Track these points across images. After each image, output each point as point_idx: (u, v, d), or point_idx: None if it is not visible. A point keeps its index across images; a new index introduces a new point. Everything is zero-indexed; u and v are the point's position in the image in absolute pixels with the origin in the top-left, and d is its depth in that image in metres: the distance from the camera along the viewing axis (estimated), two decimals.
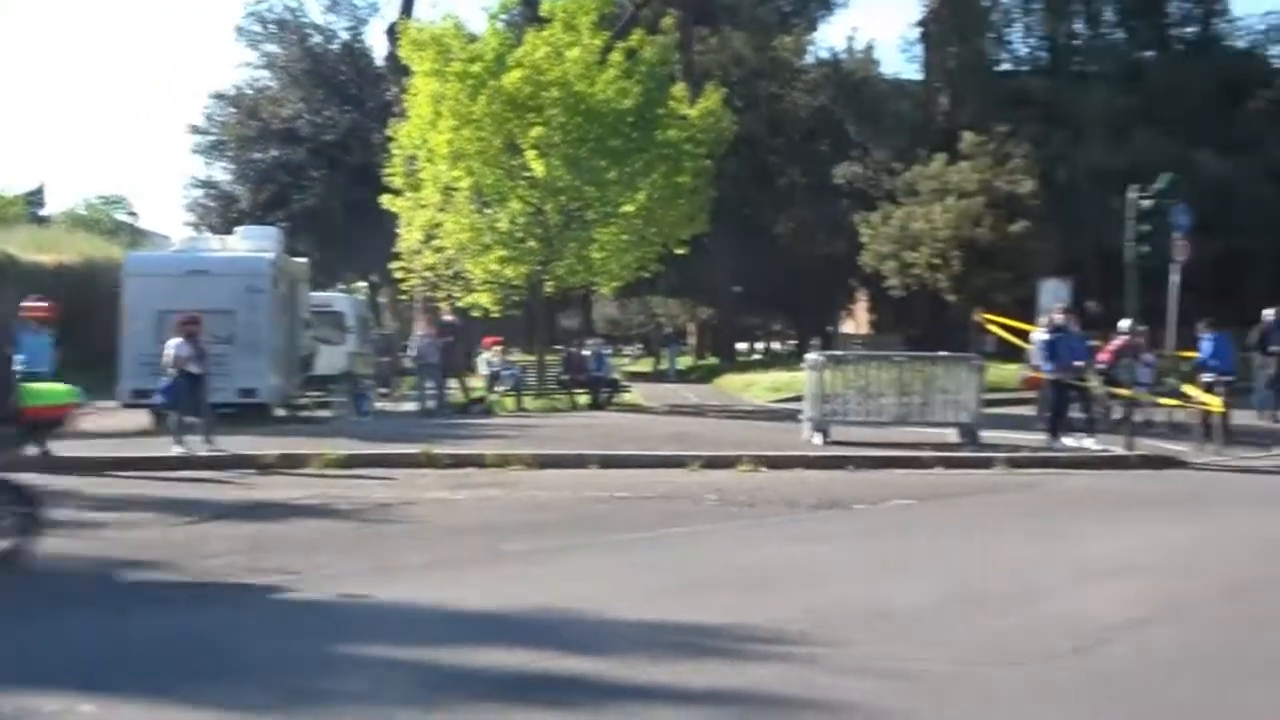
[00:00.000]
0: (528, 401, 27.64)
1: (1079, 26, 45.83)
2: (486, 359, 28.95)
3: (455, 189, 28.17)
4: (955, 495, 15.01)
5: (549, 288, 30.21)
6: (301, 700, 6.46)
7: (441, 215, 28.51)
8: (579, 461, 16.94)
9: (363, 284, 56.58)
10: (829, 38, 78.08)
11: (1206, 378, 20.80)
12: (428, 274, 29.89)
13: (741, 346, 63.50)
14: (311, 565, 9.86)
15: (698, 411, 28.12)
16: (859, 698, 6.57)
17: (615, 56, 27.87)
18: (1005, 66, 47.05)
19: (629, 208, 28.30)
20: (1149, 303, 24.28)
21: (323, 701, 6.51)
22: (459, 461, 16.58)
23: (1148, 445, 19.35)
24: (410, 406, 26.31)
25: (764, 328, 74.30)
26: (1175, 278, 21.06)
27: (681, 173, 28.65)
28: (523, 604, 8.50)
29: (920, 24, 46.62)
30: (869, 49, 48.26)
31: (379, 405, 26.29)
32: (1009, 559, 10.59)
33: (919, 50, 47.80)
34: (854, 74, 46.28)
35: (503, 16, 29.37)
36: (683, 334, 67.85)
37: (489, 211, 28.61)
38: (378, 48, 50.98)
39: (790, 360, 44.32)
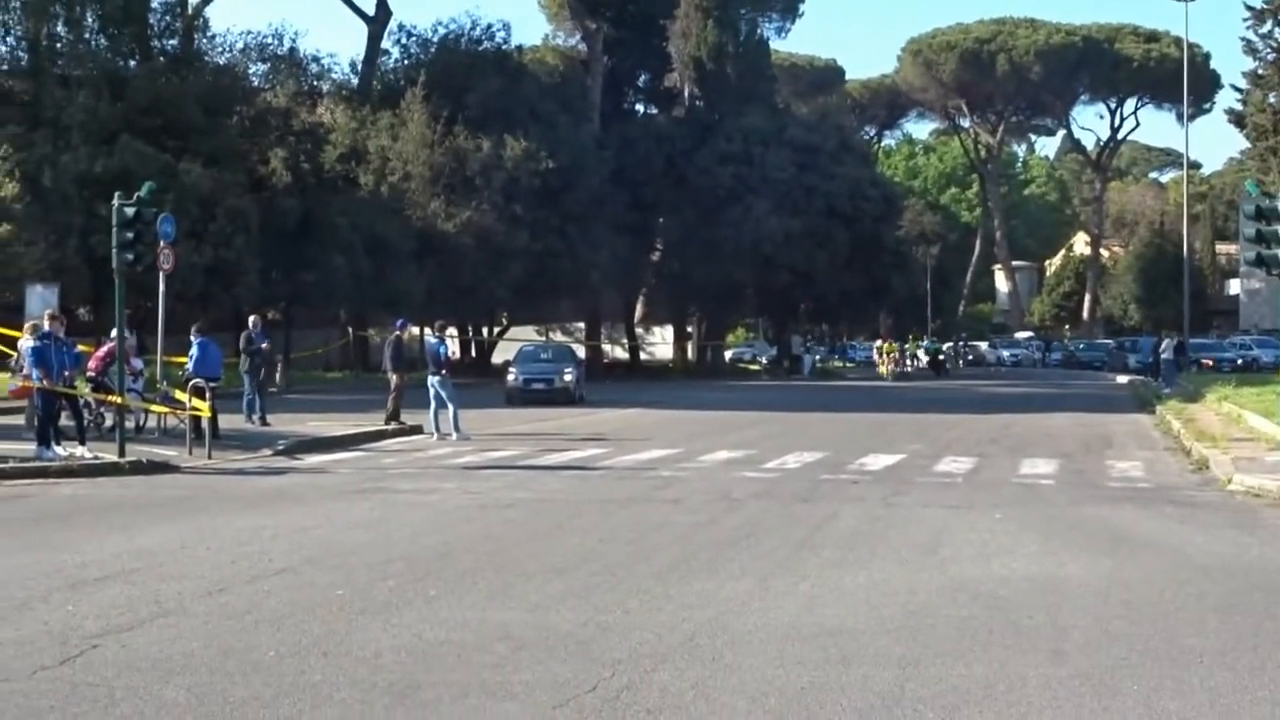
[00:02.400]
0: None
1: (60, 29, 44.86)
2: None
3: None
4: None
5: None
6: None
7: None
8: None
9: None
10: None
11: (195, 382, 21.42)
12: None
13: None
14: None
15: None
16: None
17: None
18: None
19: None
20: (142, 309, 24.60)
21: None
22: None
23: (141, 451, 19.65)
24: None
25: None
26: (163, 285, 21.46)
27: None
28: None
29: None
30: None
31: None
32: None
33: None
34: None
35: None
36: None
37: None
38: None
39: None
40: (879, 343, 58.99)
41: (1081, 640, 8.21)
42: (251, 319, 28.04)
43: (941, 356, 72.47)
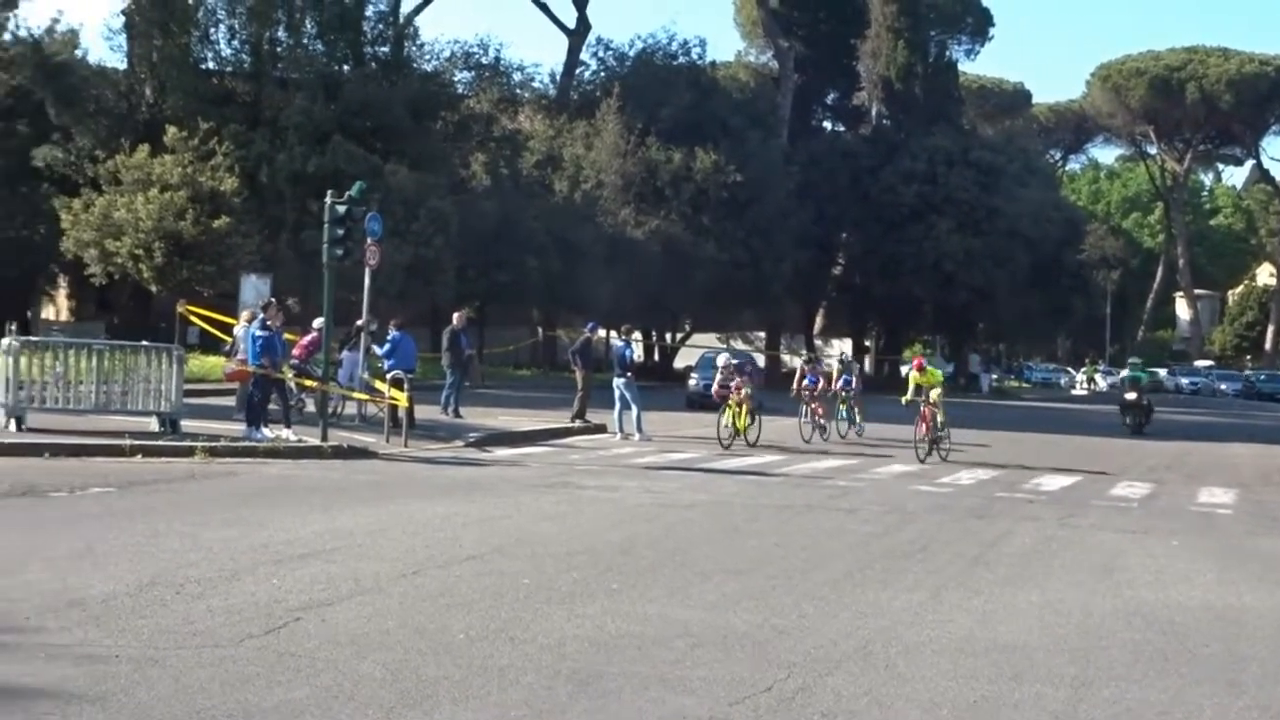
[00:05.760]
0: None
1: (281, 34, 46.43)
2: None
3: None
4: (156, 483, 15.00)
5: None
6: None
7: None
8: None
9: None
10: (30, 16, 74.26)
11: (395, 374, 22.20)
12: None
13: None
14: None
15: None
16: (47, 685, 6.51)
17: None
18: (210, 65, 46.88)
19: None
20: (346, 302, 25.55)
21: None
22: None
23: (341, 436, 20.36)
24: None
25: None
26: (368, 279, 22.22)
27: None
28: None
29: (124, 13, 45.70)
30: (73, 32, 46.26)
31: None
32: (207, 545, 10.70)
33: (124, 39, 46.86)
34: (55, 55, 44.24)
35: None
36: None
37: None
38: None
39: None
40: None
41: (1259, 673, 8.07)
42: (456, 317, 28.70)
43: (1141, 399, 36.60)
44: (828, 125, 76.12)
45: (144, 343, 21.37)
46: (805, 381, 27.15)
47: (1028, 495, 18.18)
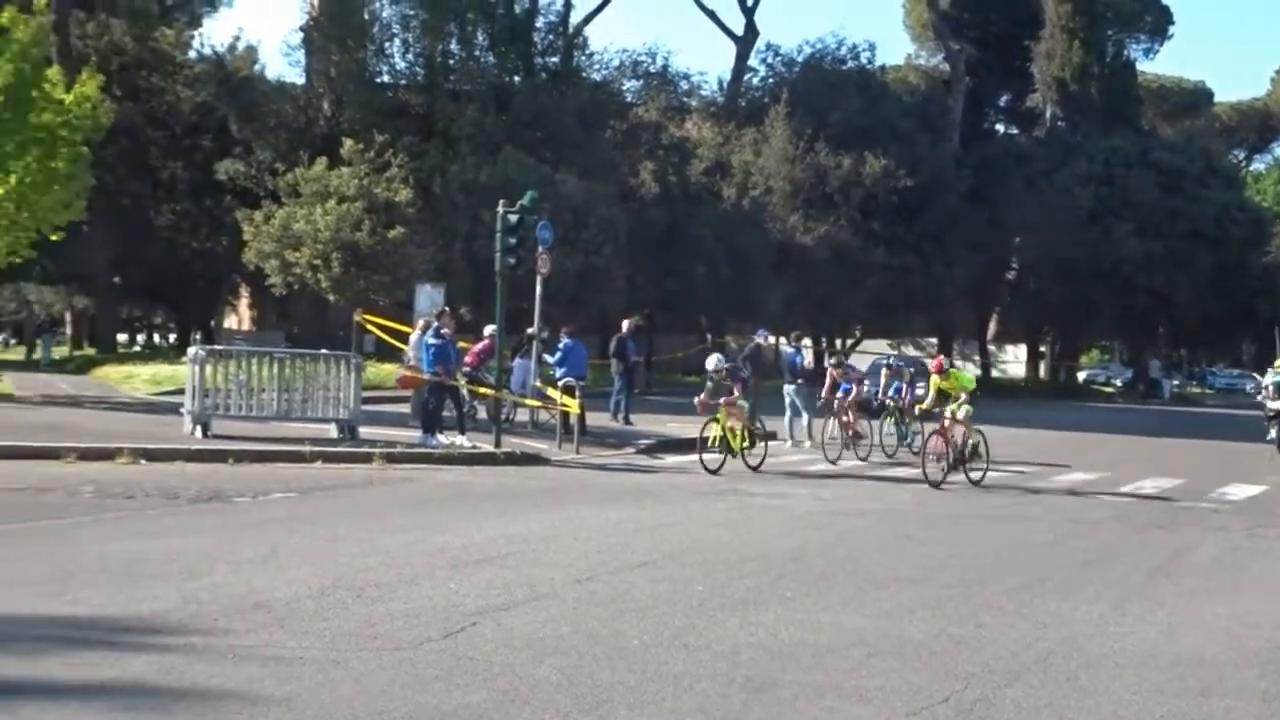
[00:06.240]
0: None
1: (454, 47, 47.28)
2: None
3: None
4: (335, 488, 15.39)
5: None
6: None
7: None
8: None
9: None
10: (213, 34, 77.17)
11: (567, 380, 22.40)
12: None
13: (122, 338, 61.77)
14: None
15: (73, 402, 26.92)
16: (235, 686, 6.66)
17: None
18: (385, 78, 48.02)
19: None
20: (517, 309, 25.87)
21: None
22: None
23: (514, 443, 20.63)
24: None
25: (146, 320, 72.26)
26: (539, 287, 22.45)
27: (57, 158, 27.28)
28: None
29: (302, 29, 47.03)
30: (252, 49, 47.97)
31: None
32: (386, 549, 10.91)
33: (301, 55, 48.24)
34: (237, 72, 45.89)
35: None
36: (58, 323, 65.07)
37: None
38: None
39: (172, 353, 43.40)
40: None
41: None
42: (625, 324, 28.99)
43: None
44: (1000, 128, 74.99)
45: (323, 351, 21.93)
46: (839, 390, 23.82)
47: (1212, 505, 17.64)
